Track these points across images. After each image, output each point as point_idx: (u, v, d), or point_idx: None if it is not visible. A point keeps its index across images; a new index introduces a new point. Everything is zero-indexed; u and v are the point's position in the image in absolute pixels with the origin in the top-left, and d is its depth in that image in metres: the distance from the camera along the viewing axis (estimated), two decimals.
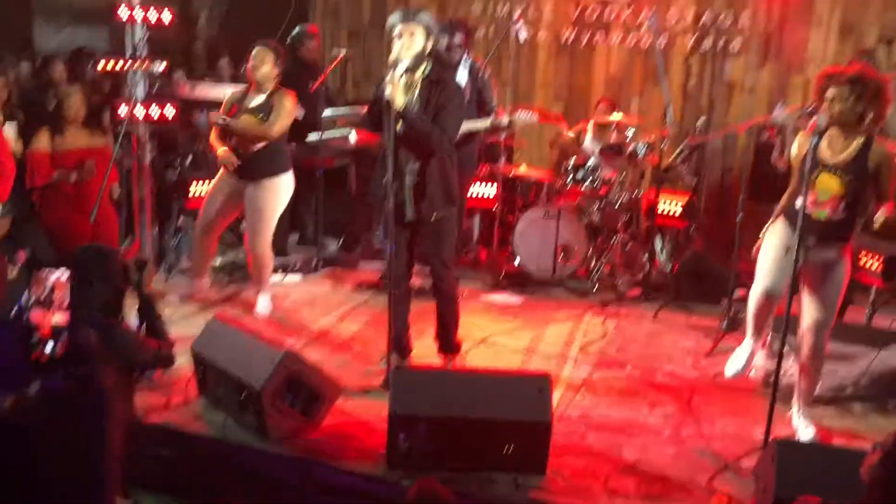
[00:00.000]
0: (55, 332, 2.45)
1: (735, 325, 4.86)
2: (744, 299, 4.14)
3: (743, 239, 4.99)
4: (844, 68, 3.64)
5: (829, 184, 3.50)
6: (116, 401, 2.47)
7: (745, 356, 3.93)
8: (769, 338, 4.51)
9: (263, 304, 5.20)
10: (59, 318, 2.48)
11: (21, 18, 8.55)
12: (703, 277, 5.63)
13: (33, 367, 2.48)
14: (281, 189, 5.05)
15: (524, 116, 5.73)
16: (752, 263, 3.89)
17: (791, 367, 3.98)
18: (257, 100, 4.96)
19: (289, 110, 4.97)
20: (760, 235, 3.87)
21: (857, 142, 3.47)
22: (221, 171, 5.08)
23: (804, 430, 3.72)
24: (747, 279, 4.05)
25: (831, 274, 3.59)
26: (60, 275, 2.44)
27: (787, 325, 3.39)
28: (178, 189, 6.01)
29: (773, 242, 3.78)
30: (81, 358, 2.39)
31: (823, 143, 3.51)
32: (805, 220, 3.44)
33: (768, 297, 3.79)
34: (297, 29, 6.54)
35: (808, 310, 3.65)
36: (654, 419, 3.94)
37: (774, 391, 3.40)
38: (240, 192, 5.02)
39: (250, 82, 5.00)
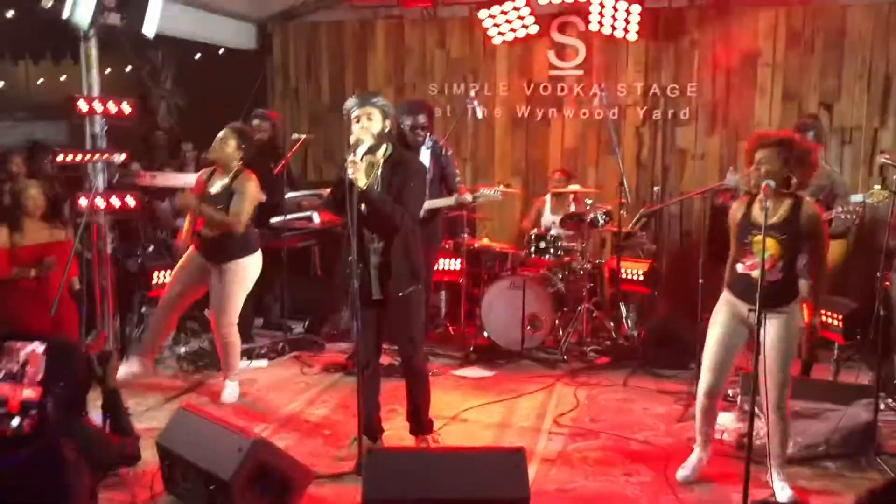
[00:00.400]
0: (24, 407, 2.36)
1: None
2: None
3: (705, 302, 5.07)
4: (773, 133, 3.80)
5: (766, 245, 3.59)
6: (81, 476, 2.38)
7: (692, 465, 3.99)
8: (739, 399, 4.55)
9: (230, 391, 5.11)
10: (29, 392, 2.39)
11: None
12: (669, 342, 5.68)
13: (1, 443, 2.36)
14: (247, 271, 5.04)
15: (488, 193, 5.84)
16: None
17: (763, 428, 3.99)
18: (219, 184, 4.99)
19: (251, 195, 5.00)
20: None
21: (787, 203, 3.61)
22: (190, 249, 5.07)
23: (781, 492, 3.71)
24: None
25: (779, 334, 3.63)
26: (34, 348, 2.37)
27: (755, 385, 3.42)
28: (139, 278, 5.95)
29: (714, 333, 3.87)
30: (45, 434, 2.31)
31: (756, 207, 3.65)
32: (745, 283, 3.61)
33: (709, 397, 3.90)
34: (254, 113, 6.64)
35: (764, 373, 3.68)
36: (632, 488, 3.90)
37: (748, 453, 3.39)
38: (205, 272, 5.01)
39: (217, 164, 5.04)
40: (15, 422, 2.06)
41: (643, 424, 4.74)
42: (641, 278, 6.29)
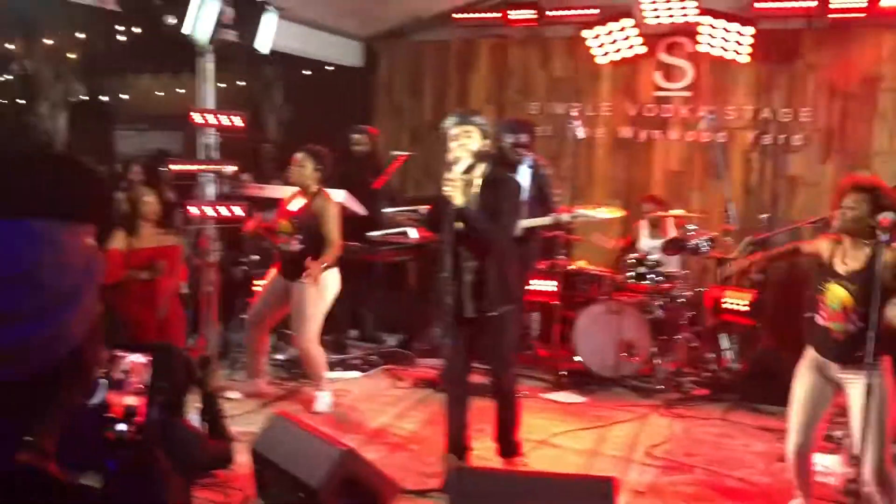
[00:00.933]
0: (127, 413, 2.47)
1: None
2: None
3: None
4: (866, 179, 3.58)
5: (837, 294, 3.41)
6: (173, 482, 2.46)
7: None
8: (846, 442, 4.29)
9: (322, 401, 5.20)
10: (132, 400, 2.50)
11: (103, 126, 9.10)
12: (773, 377, 5.42)
13: (105, 446, 2.49)
14: (323, 286, 5.13)
15: (586, 212, 5.76)
16: None
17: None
18: (296, 204, 5.15)
19: (335, 216, 5.14)
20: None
21: (866, 251, 3.38)
22: (273, 272, 5.23)
23: None
24: None
25: (871, 390, 3.32)
26: (137, 358, 2.48)
27: (866, 429, 3.21)
28: (243, 286, 6.16)
29: (798, 390, 3.65)
30: (146, 440, 2.41)
31: (837, 254, 3.47)
32: (823, 336, 3.41)
33: (799, 456, 3.68)
34: (354, 129, 6.78)
35: (858, 433, 3.41)
36: None
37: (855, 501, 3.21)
38: (287, 291, 5.14)
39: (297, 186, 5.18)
40: (120, 426, 2.15)
41: (741, 461, 4.54)
42: (745, 309, 6.05)
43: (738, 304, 6.05)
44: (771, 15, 6.56)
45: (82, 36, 8.92)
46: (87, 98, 10.12)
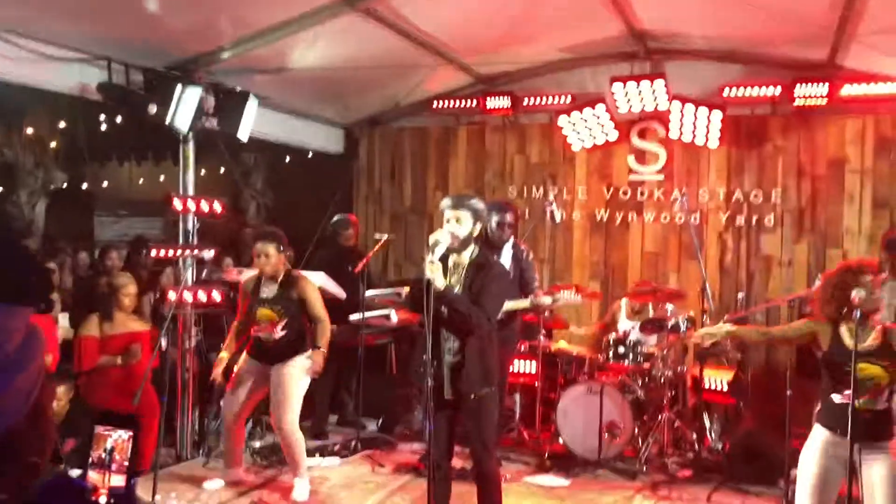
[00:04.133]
0: (112, 496, 2.42)
1: None
2: None
3: (794, 414, 4.83)
4: (867, 262, 3.66)
5: (870, 370, 3.40)
6: None
7: None
8: None
9: (301, 489, 5.07)
10: (118, 480, 2.44)
11: (84, 213, 9.13)
12: (756, 457, 5.39)
13: None
14: (304, 367, 5.09)
15: (568, 296, 5.78)
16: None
17: None
18: (271, 290, 5.10)
19: (317, 295, 5.14)
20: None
21: (877, 329, 3.45)
22: (243, 358, 5.17)
23: None
24: None
25: (888, 472, 3.36)
26: (121, 435, 2.43)
27: None
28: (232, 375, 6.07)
29: (807, 475, 3.58)
30: None
31: (846, 334, 3.49)
32: (847, 415, 3.29)
33: None
34: (336, 217, 6.85)
35: None
36: None
37: None
38: (265, 376, 5.08)
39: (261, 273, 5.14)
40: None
41: None
42: (726, 388, 6.04)
43: (718, 383, 6.05)
44: (738, 102, 6.80)
45: (63, 125, 9.03)
46: (67, 185, 10.17)
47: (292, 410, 5.03)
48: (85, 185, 10.42)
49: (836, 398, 3.44)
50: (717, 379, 6.05)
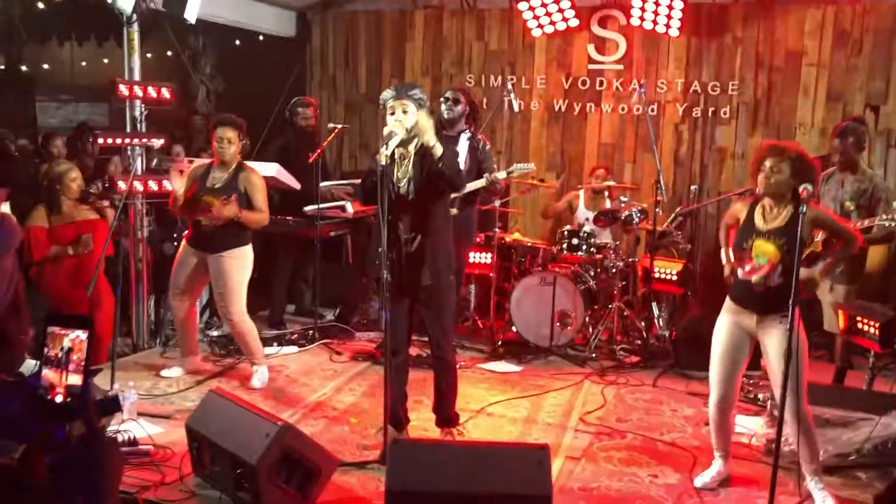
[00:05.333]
0: (70, 393, 2.43)
1: None
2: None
3: None
4: (785, 143, 3.74)
5: (764, 248, 3.60)
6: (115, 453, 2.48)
7: (711, 474, 3.93)
8: (769, 404, 4.48)
9: (260, 376, 5.16)
10: (74, 379, 2.45)
11: (24, 97, 8.73)
12: (701, 343, 5.56)
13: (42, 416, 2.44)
14: (246, 258, 5.07)
15: (521, 167, 5.81)
16: None
17: (792, 435, 3.94)
18: (220, 178, 4.97)
19: (262, 187, 5.04)
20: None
21: (788, 209, 3.60)
22: (184, 243, 5.11)
23: (822, 502, 3.64)
24: None
25: (785, 341, 3.53)
26: (79, 335, 2.42)
27: (785, 391, 3.36)
28: (174, 262, 6.03)
29: (718, 343, 3.83)
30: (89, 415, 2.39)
31: (757, 212, 3.69)
32: (745, 288, 3.62)
33: (720, 410, 3.86)
34: (293, 100, 6.67)
35: (776, 381, 3.63)
36: (656, 490, 3.87)
37: (776, 460, 3.35)
38: (203, 264, 5.05)
39: (214, 157, 5.03)
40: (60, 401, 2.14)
41: (671, 426, 4.69)
42: (675, 278, 6.22)
43: (668, 274, 6.22)
44: None
45: None
46: (5, 67, 9.69)
47: (237, 301, 5.02)
48: (24, 68, 9.94)
49: (739, 273, 3.69)
50: (667, 270, 6.22)
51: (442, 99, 5.67)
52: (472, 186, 5.55)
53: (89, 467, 2.36)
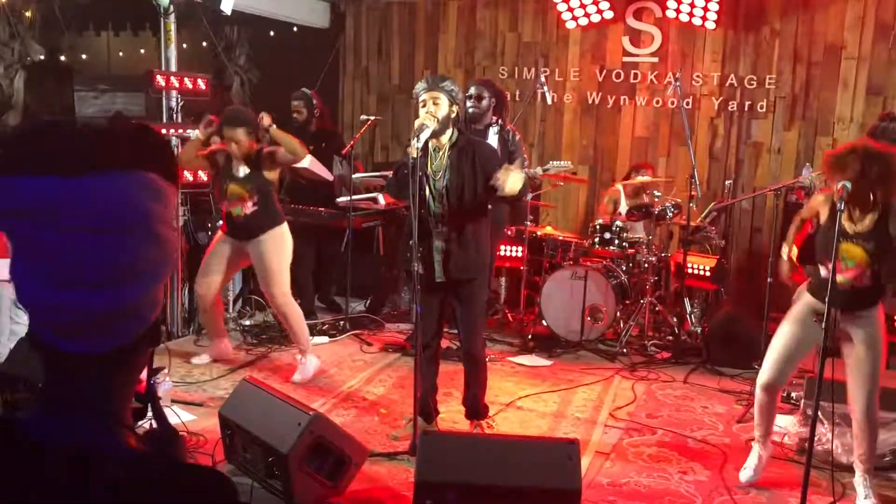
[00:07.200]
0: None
1: None
2: None
3: (773, 301, 4.95)
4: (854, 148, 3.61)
5: (853, 252, 3.51)
6: None
7: (753, 464, 3.90)
8: (802, 403, 4.43)
9: (302, 371, 5.11)
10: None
11: (63, 87, 8.86)
12: (733, 341, 5.56)
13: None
14: (284, 238, 5.08)
15: (558, 164, 5.78)
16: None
17: (825, 434, 3.89)
18: (243, 170, 4.99)
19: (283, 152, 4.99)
20: (793, 299, 3.84)
21: (875, 212, 3.50)
22: (217, 235, 5.16)
23: (863, 498, 3.61)
24: None
25: (868, 341, 3.54)
26: None
27: (820, 389, 3.32)
28: (207, 251, 6.10)
29: (787, 327, 3.76)
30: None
31: (844, 215, 3.52)
32: (832, 290, 3.47)
33: (768, 392, 3.80)
34: (294, 94, 6.57)
35: (853, 378, 3.60)
36: (686, 486, 3.85)
37: (809, 459, 3.31)
38: (238, 252, 5.09)
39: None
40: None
41: (701, 423, 4.66)
42: (708, 274, 6.16)
43: (701, 269, 6.16)
44: None
45: None
46: (45, 58, 9.84)
47: (279, 282, 5.05)
48: (63, 58, 10.10)
49: (823, 272, 3.59)
50: (700, 265, 6.16)
51: (465, 96, 5.62)
52: None
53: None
